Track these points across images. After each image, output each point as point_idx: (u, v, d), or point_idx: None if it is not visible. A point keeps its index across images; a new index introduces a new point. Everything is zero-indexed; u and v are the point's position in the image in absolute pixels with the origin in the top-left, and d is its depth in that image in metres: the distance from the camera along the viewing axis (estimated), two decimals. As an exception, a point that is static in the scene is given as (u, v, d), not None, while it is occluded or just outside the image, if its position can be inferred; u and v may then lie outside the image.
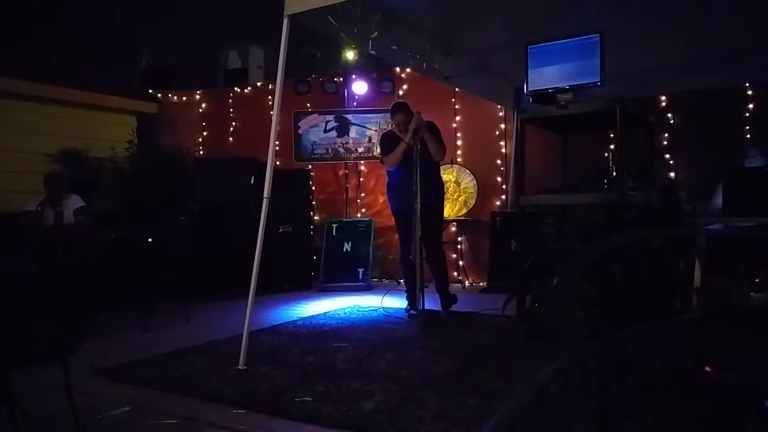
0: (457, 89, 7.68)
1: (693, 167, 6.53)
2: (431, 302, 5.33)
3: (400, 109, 5.61)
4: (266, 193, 4.14)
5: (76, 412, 2.72)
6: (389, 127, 7.85)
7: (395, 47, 5.22)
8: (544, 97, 4.48)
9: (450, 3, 4.63)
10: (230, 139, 9.33)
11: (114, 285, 5.85)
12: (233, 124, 9.35)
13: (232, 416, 3.16)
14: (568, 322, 1.37)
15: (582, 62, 4.26)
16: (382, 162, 5.81)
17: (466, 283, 7.70)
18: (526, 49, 4.53)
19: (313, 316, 5.81)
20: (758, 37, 5.13)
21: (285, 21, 4.09)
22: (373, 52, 5.51)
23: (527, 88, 4.55)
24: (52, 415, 2.96)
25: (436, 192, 5.58)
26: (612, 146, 6.38)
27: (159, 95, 9.50)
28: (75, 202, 6.14)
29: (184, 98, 9.63)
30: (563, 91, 4.36)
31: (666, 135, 6.68)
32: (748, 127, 6.33)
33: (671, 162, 6.65)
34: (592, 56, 4.21)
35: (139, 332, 5.21)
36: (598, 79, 4.20)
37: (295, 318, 5.71)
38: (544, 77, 4.45)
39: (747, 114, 6.34)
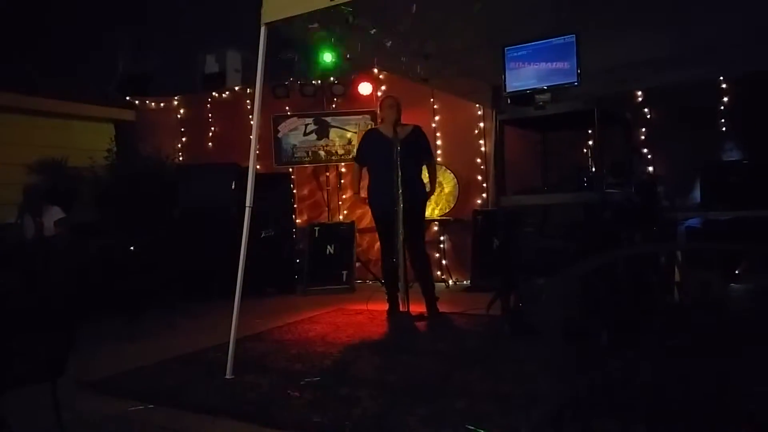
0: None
1: (670, 161, 6.61)
2: (414, 304, 5.36)
3: (386, 98, 5.81)
4: (248, 201, 4.12)
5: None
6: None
7: (373, 52, 5.23)
8: (522, 98, 4.52)
9: (426, 7, 4.63)
10: (209, 144, 9.29)
11: (97, 294, 5.81)
12: (212, 129, 9.31)
13: (222, 427, 3.17)
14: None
15: (559, 63, 4.31)
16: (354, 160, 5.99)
17: (450, 281, 7.74)
18: (503, 51, 4.56)
19: (298, 321, 5.81)
20: (730, 33, 5.21)
21: (262, 29, 4.08)
22: (351, 57, 5.52)
23: (505, 89, 4.58)
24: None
25: (418, 194, 5.56)
26: (590, 142, 6.48)
27: (137, 102, 9.43)
28: (55, 213, 6.11)
29: (162, 104, 9.57)
30: (541, 91, 4.40)
31: (643, 130, 6.76)
32: (723, 120, 6.42)
33: (649, 156, 6.73)
34: (569, 57, 4.26)
35: (124, 342, 5.19)
36: (575, 80, 4.24)
37: (280, 323, 5.70)
38: (521, 78, 4.49)
39: (722, 108, 6.43)
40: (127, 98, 9.37)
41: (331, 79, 8.40)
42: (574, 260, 4.22)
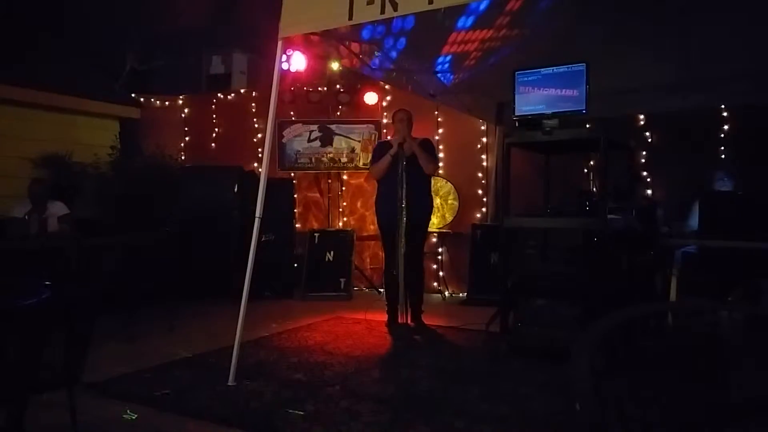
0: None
1: (670, 186, 6.69)
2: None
3: (398, 112, 5.77)
4: (258, 212, 4.18)
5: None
6: (373, 139, 7.99)
7: (383, 68, 5.31)
8: (530, 122, 4.60)
9: (438, 27, 4.72)
10: (212, 145, 9.35)
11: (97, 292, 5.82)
12: (216, 130, 9.38)
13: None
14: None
15: (568, 90, 4.39)
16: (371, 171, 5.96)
17: (446, 293, 7.81)
18: (513, 75, 4.64)
19: (297, 327, 5.86)
20: (733, 63, 5.33)
21: (279, 43, 4.17)
22: (361, 71, 5.59)
23: (514, 113, 4.66)
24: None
25: (423, 207, 5.62)
26: (592, 162, 6.57)
27: (142, 99, 9.48)
28: (59, 209, 6.13)
29: (167, 103, 9.63)
30: (549, 117, 4.48)
31: (644, 153, 6.84)
32: (722, 148, 6.50)
33: (648, 179, 6.81)
34: (579, 85, 4.34)
35: (124, 342, 5.20)
36: (584, 108, 4.32)
37: (280, 330, 5.74)
38: (530, 103, 4.57)
39: (722, 135, 6.52)
40: (133, 96, 9.42)
41: (337, 87, 8.47)
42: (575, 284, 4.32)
